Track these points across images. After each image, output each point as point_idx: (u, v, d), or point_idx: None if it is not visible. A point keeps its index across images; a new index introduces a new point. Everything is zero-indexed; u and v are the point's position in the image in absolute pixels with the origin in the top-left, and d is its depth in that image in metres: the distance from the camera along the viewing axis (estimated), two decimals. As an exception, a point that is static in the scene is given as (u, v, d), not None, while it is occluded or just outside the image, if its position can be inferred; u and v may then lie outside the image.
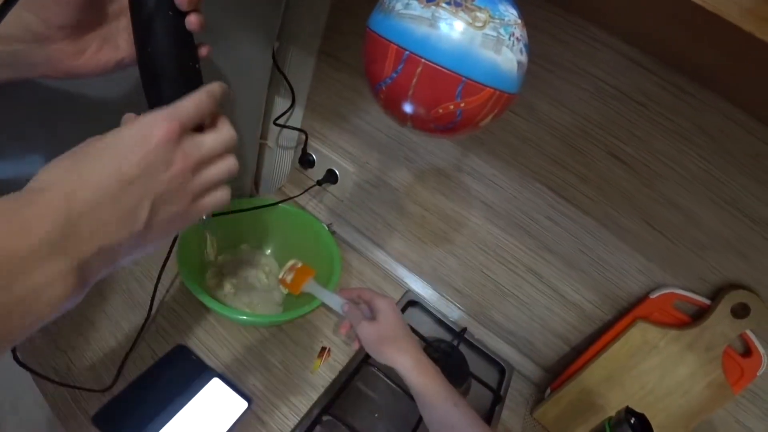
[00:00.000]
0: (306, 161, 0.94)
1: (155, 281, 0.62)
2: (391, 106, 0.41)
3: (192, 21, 0.35)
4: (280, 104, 0.89)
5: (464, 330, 0.86)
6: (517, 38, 0.37)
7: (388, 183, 0.87)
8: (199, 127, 0.33)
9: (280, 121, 0.88)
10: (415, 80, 0.37)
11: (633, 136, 0.61)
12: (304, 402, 0.66)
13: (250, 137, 0.88)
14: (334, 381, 0.70)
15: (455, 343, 0.83)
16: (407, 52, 0.36)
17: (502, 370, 0.85)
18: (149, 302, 0.64)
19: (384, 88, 0.39)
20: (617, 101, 0.60)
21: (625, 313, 0.71)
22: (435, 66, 0.35)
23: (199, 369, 0.64)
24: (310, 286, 0.72)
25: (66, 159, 0.28)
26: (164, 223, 0.31)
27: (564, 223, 0.72)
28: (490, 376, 0.84)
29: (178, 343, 0.66)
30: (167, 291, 0.73)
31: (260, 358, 0.69)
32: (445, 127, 0.40)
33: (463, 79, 0.35)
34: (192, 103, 0.32)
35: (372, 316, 0.62)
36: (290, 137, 0.94)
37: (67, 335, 0.62)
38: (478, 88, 0.36)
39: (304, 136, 0.92)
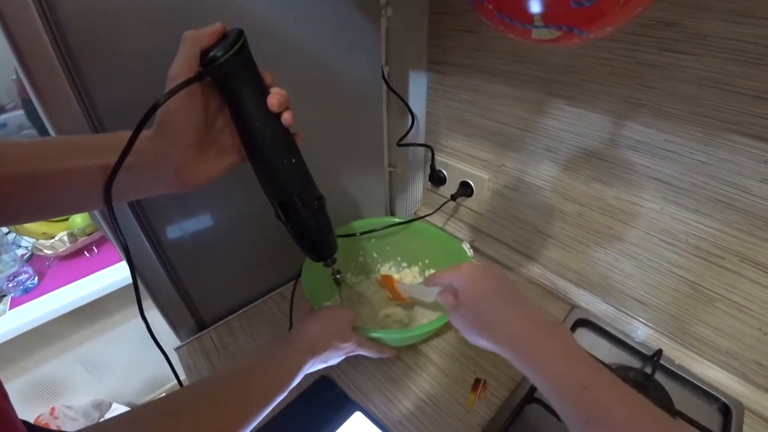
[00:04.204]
0: (437, 179, 0.89)
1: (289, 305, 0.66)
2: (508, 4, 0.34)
3: (286, 118, 0.45)
4: (402, 126, 0.87)
5: (659, 353, 0.64)
6: None
7: (531, 183, 0.75)
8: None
9: (404, 142, 0.85)
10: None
11: None
12: (456, 444, 0.56)
13: (377, 165, 0.87)
14: (493, 420, 0.59)
15: (648, 371, 0.62)
16: None
17: (724, 408, 0.59)
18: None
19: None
20: None
21: None
22: None
23: (342, 402, 0.61)
24: (404, 289, 0.68)
25: (312, 322, 0.56)
26: (335, 358, 0.57)
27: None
28: (708, 417, 0.59)
29: (321, 375, 0.65)
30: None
31: (406, 392, 0.63)
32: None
33: None
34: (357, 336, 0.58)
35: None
36: (417, 158, 0.91)
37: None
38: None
39: (430, 153, 0.87)
